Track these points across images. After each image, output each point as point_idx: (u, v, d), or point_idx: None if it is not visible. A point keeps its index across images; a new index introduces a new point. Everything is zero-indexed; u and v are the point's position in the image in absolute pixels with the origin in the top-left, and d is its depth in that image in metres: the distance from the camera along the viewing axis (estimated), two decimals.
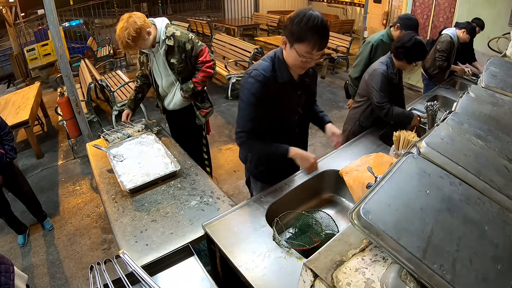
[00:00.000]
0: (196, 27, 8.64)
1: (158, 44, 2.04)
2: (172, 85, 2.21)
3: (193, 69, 2.18)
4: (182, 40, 2.06)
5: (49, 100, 5.23)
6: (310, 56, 1.26)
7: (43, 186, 3.32)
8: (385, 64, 2.03)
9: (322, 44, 1.24)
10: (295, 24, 1.21)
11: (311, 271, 0.79)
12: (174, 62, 2.08)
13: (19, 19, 7.00)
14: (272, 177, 1.65)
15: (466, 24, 3.23)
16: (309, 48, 1.23)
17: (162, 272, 1.23)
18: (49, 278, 2.31)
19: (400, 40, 1.98)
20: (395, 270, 0.72)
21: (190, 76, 2.18)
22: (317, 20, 1.19)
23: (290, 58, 1.34)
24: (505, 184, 0.84)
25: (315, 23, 1.19)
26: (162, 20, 2.08)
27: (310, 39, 1.21)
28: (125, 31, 1.86)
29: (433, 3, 5.00)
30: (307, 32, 1.20)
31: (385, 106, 2.02)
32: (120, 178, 1.68)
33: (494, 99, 1.35)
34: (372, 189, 0.76)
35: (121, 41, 1.89)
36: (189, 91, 2.16)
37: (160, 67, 2.14)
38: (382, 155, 1.67)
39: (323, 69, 6.18)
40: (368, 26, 7.64)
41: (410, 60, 1.99)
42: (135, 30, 1.87)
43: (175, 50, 2.06)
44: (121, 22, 1.90)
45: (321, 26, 1.20)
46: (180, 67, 2.11)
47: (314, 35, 1.20)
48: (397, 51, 1.99)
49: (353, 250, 0.82)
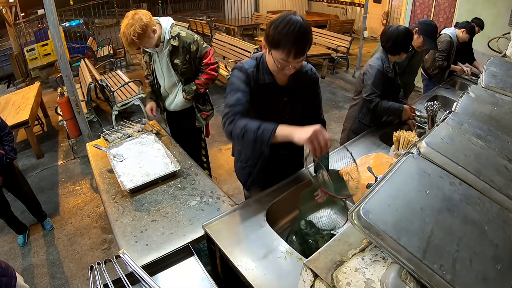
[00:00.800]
0: (196, 27, 8.64)
1: (163, 43, 2.01)
2: (175, 85, 2.20)
3: (197, 71, 2.16)
4: (187, 41, 2.03)
5: (49, 100, 5.23)
6: (286, 63, 1.20)
7: (43, 186, 3.32)
8: (380, 59, 2.06)
9: (298, 51, 1.16)
10: (272, 28, 1.16)
11: (311, 271, 0.79)
12: (177, 63, 2.06)
13: (19, 19, 7.00)
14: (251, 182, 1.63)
15: (465, 23, 3.24)
16: (284, 55, 1.16)
17: (162, 272, 1.23)
18: (49, 278, 2.31)
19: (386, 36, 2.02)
20: (395, 270, 0.72)
21: (193, 78, 2.16)
22: (295, 25, 1.12)
23: (269, 63, 1.29)
24: (505, 184, 0.84)
25: (291, 29, 1.12)
26: (167, 20, 2.05)
27: (285, 45, 1.14)
28: (131, 27, 1.82)
29: (433, 3, 5.00)
30: (282, 38, 1.14)
31: (373, 99, 2.04)
32: (120, 178, 1.68)
33: (494, 99, 1.35)
34: (372, 189, 0.76)
35: (126, 38, 1.85)
36: (191, 93, 2.15)
37: (163, 67, 2.12)
38: (382, 155, 1.67)
39: (323, 69, 6.18)
40: (368, 26, 7.65)
41: (404, 50, 2.01)
42: (141, 27, 1.83)
43: (179, 50, 2.04)
44: (126, 19, 1.86)
45: (299, 32, 1.13)
46: (183, 68, 2.09)
47: (289, 41, 1.13)
48: (388, 47, 2.02)
49: (353, 250, 0.82)
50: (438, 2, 4.96)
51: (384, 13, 8.68)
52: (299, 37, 1.14)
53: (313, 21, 9.30)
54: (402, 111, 2.07)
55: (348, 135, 2.29)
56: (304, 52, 1.19)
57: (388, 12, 8.59)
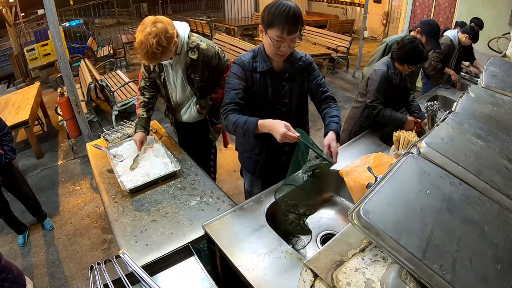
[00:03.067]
0: (196, 27, 8.64)
1: (179, 55, 1.75)
2: (188, 98, 1.97)
3: (213, 84, 1.94)
4: (209, 54, 1.78)
5: (49, 100, 5.23)
6: (281, 39, 1.32)
7: (43, 186, 3.32)
8: (386, 64, 2.03)
9: (292, 28, 1.29)
10: (267, 11, 1.31)
11: (311, 271, 0.79)
12: (195, 78, 1.83)
13: (19, 19, 7.00)
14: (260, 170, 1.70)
15: (470, 29, 3.19)
16: (279, 31, 1.30)
17: (162, 272, 1.23)
18: (49, 278, 2.31)
19: (399, 44, 1.98)
20: (395, 270, 0.72)
21: (209, 91, 1.95)
22: (287, 7, 1.27)
23: (266, 45, 1.41)
24: (505, 184, 0.84)
25: (283, 9, 1.27)
26: (183, 27, 1.76)
27: (279, 23, 1.28)
28: (154, 38, 1.51)
29: (433, 3, 5.00)
30: (276, 17, 1.28)
31: (376, 106, 2.02)
32: (120, 178, 1.68)
33: (494, 99, 1.34)
34: (372, 189, 0.76)
35: (145, 50, 1.53)
36: (207, 108, 1.96)
37: (177, 81, 1.87)
38: (382, 155, 1.67)
39: (323, 69, 6.18)
40: (368, 26, 7.64)
41: (405, 63, 1.97)
42: (167, 39, 1.55)
43: (198, 65, 1.79)
44: (147, 27, 1.54)
45: (291, 12, 1.28)
46: (200, 83, 1.86)
47: (282, 19, 1.27)
48: (395, 55, 2.00)
49: (353, 250, 0.82)
50: (438, 2, 4.95)
51: (384, 13, 8.68)
52: (290, 16, 1.28)
53: (313, 21, 9.30)
54: (405, 122, 2.02)
55: (348, 135, 2.29)
56: (297, 30, 1.33)
57: (388, 12, 8.59)
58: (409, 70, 2.02)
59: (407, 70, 2.02)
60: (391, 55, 2.04)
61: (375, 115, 2.06)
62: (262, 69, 1.46)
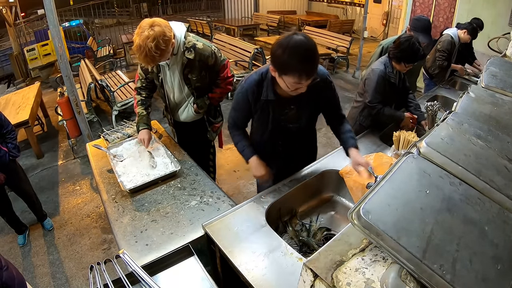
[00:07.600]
0: (196, 27, 8.64)
1: (175, 56, 1.76)
2: (185, 98, 2.00)
3: (211, 83, 1.96)
4: (205, 54, 1.79)
5: (49, 100, 5.23)
6: (299, 85, 1.21)
7: (43, 186, 3.32)
8: (384, 64, 2.03)
9: (309, 72, 1.17)
10: (277, 55, 1.16)
11: (311, 271, 0.79)
12: (191, 78, 1.85)
13: (19, 19, 7.00)
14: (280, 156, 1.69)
15: (467, 25, 3.22)
16: (296, 78, 1.17)
17: (162, 272, 1.23)
18: (49, 278, 2.31)
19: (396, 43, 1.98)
20: (395, 270, 0.72)
21: (206, 90, 1.97)
22: (300, 47, 1.12)
23: (281, 85, 1.28)
24: (505, 184, 0.84)
25: (296, 51, 1.12)
26: (180, 27, 1.77)
27: (295, 70, 1.15)
28: (152, 42, 1.51)
29: (433, 3, 4.99)
30: (290, 63, 1.14)
31: (376, 106, 2.03)
32: (120, 178, 1.68)
33: (494, 99, 1.34)
34: (372, 189, 0.76)
35: (144, 53, 1.54)
36: (204, 108, 1.99)
37: (174, 81, 1.89)
38: (382, 155, 1.67)
39: None
40: (368, 26, 7.64)
41: (401, 61, 1.96)
42: (165, 42, 1.55)
43: (195, 65, 1.80)
44: (144, 30, 1.54)
45: (305, 54, 1.13)
46: (197, 83, 1.88)
47: (298, 66, 1.14)
48: (392, 53, 1.99)
49: (353, 250, 0.82)
50: (438, 2, 4.95)
51: (384, 13, 8.67)
52: (306, 59, 1.15)
53: (313, 21, 9.30)
54: (403, 120, 2.06)
55: None
56: (315, 71, 1.20)
57: (388, 12, 8.59)
58: (406, 69, 2.01)
59: (405, 69, 2.02)
60: (388, 54, 2.04)
61: (375, 115, 2.06)
62: (266, 98, 1.39)
